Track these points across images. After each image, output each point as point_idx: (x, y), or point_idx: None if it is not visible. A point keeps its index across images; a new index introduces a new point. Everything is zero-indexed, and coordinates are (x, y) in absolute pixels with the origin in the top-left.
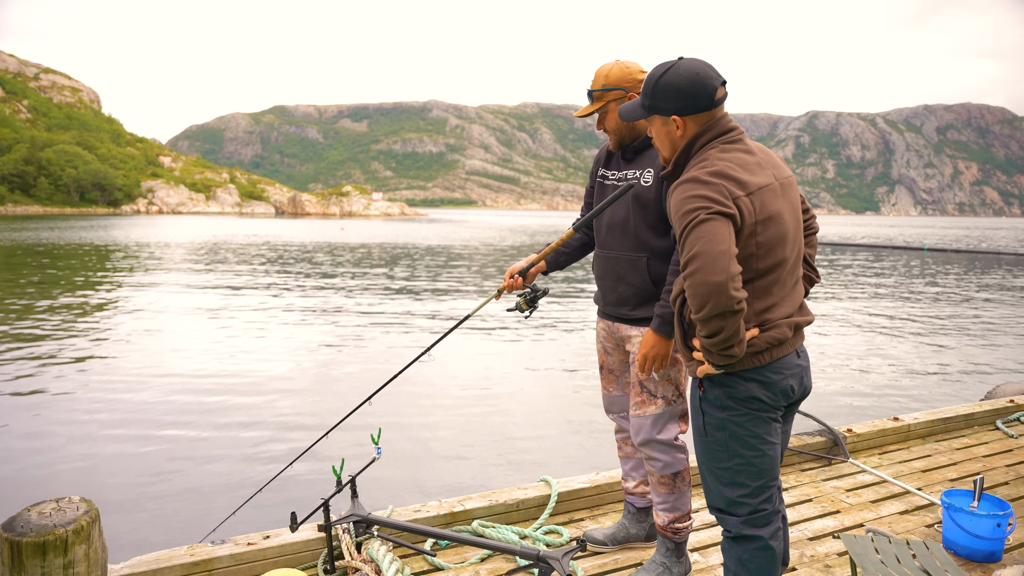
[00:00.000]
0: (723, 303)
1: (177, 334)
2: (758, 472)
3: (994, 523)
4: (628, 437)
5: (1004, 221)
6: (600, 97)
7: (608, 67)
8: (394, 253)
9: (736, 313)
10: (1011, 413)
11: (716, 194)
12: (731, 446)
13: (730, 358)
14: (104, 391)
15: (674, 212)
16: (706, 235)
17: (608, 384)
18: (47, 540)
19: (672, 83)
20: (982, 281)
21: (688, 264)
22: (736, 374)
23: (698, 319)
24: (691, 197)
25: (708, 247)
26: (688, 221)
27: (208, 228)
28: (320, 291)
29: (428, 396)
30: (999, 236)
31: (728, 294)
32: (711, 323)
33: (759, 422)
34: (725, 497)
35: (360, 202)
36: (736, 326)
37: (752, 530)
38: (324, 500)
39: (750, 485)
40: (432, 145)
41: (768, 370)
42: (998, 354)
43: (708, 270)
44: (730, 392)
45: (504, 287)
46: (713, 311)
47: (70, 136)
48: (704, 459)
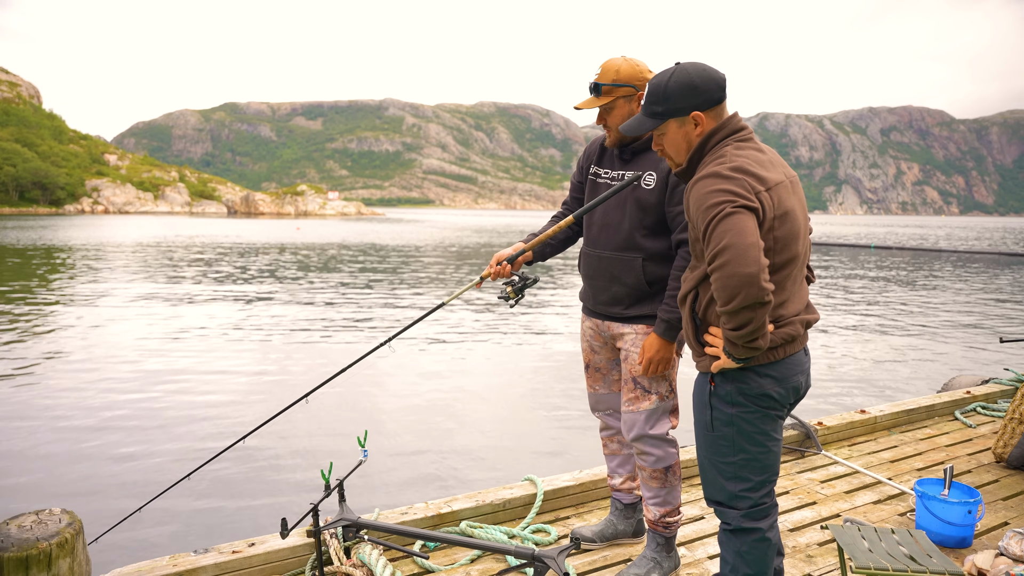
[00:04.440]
0: (754, 294)
1: (139, 340)
2: (762, 467)
3: (965, 510)
4: (614, 435)
5: (943, 220)
6: (609, 92)
7: (617, 62)
8: (353, 252)
9: (765, 305)
10: (968, 404)
11: (740, 188)
12: (738, 442)
13: (754, 351)
14: (69, 398)
15: (695, 207)
16: (734, 228)
17: (594, 382)
18: (30, 554)
19: (684, 81)
20: (926, 277)
21: (717, 257)
22: (751, 370)
23: (726, 311)
24: (715, 191)
25: (737, 239)
26: (714, 215)
27: (159, 228)
28: (279, 292)
29: (409, 396)
30: (940, 234)
31: (760, 285)
32: (740, 315)
33: (767, 419)
34: (727, 491)
35: (316, 201)
36: (763, 318)
37: (752, 523)
38: (313, 505)
39: (753, 480)
40: (388, 144)
41: (781, 366)
42: (948, 347)
43: (739, 262)
44: (743, 388)
45: (489, 274)
46: (744, 302)
47: (8, 133)
48: (708, 453)
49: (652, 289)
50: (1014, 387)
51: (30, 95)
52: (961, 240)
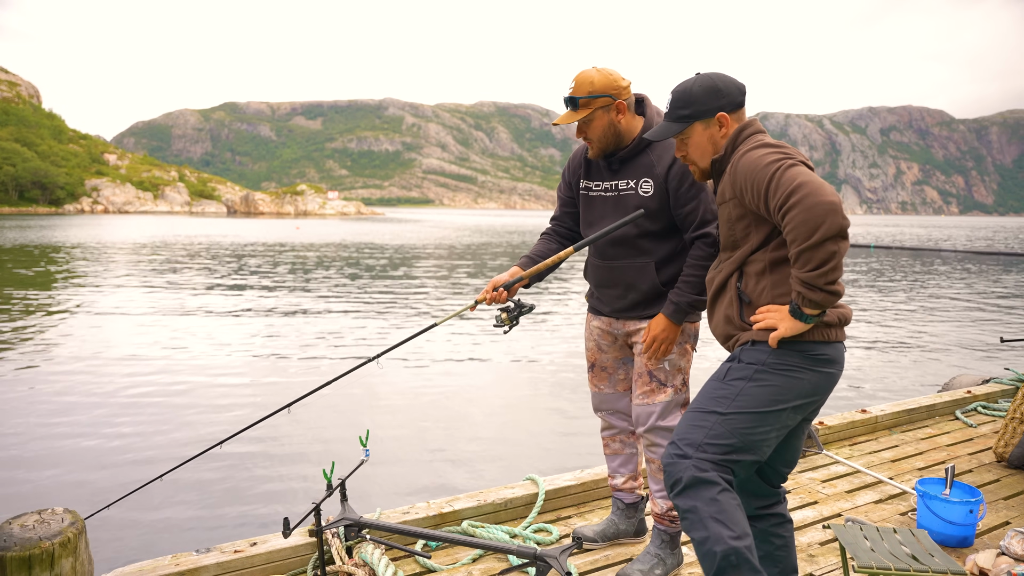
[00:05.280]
0: (838, 223)
1: (141, 339)
2: (746, 434)
3: (966, 509)
4: (616, 434)
5: (943, 219)
6: (587, 104)
7: (591, 74)
8: (354, 253)
9: (846, 239)
10: (969, 403)
11: (792, 152)
12: (745, 394)
13: (833, 296)
14: (70, 398)
15: (747, 176)
16: (803, 172)
17: (599, 382)
18: (33, 554)
19: (708, 85)
20: (927, 277)
21: (793, 194)
22: (809, 343)
23: (809, 246)
24: (769, 153)
25: (811, 177)
26: (776, 168)
27: (158, 228)
28: (279, 293)
29: (411, 396)
30: (941, 234)
31: (842, 213)
32: (823, 248)
33: (793, 389)
34: (691, 435)
35: (315, 201)
36: (844, 254)
37: (704, 473)
38: (316, 504)
39: (726, 442)
40: (388, 144)
41: (835, 349)
42: (949, 347)
43: (820, 192)
44: (806, 353)
45: (484, 299)
46: (828, 232)
47: (7, 132)
48: (700, 400)
49: (667, 288)
50: (1015, 387)
51: (30, 95)
52: (968, 240)
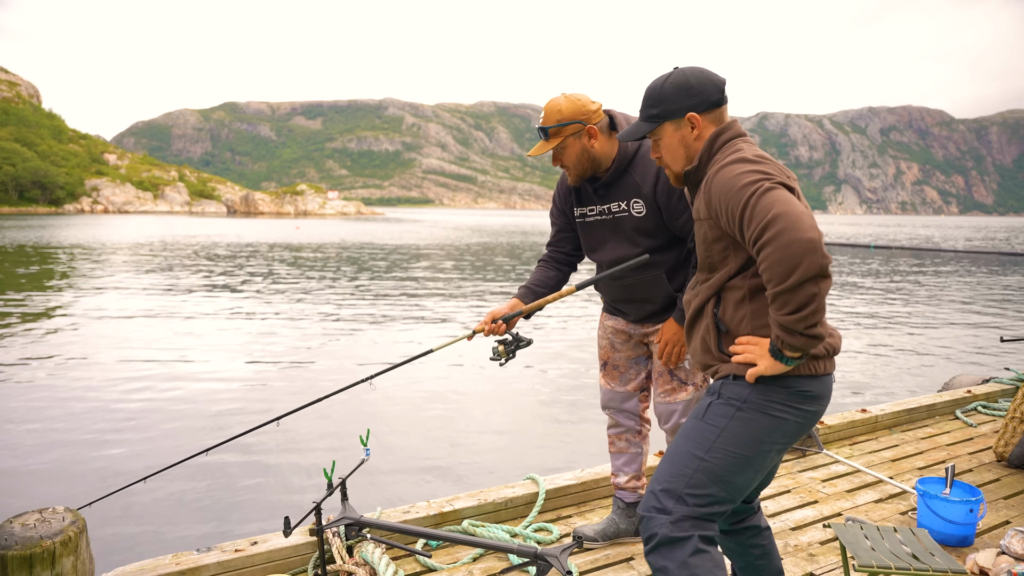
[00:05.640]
0: (817, 262)
1: (143, 338)
2: (726, 479)
3: (967, 509)
4: (622, 432)
5: (943, 219)
6: (557, 133)
7: (559, 103)
8: (354, 253)
9: (828, 278)
10: (969, 403)
11: (772, 170)
12: (728, 433)
13: (814, 340)
14: (71, 398)
15: (722, 195)
16: (781, 199)
17: (611, 380)
18: (34, 553)
19: (680, 82)
20: (927, 277)
21: (767, 229)
22: (796, 378)
23: (785, 289)
24: (745, 172)
25: (788, 207)
26: (751, 192)
27: (158, 228)
28: (281, 293)
29: (411, 395)
30: (940, 234)
31: (822, 251)
32: (802, 290)
33: (777, 430)
34: (671, 483)
35: (315, 201)
36: (825, 295)
37: (681, 532)
38: (316, 503)
39: (706, 491)
40: (388, 143)
41: (820, 383)
42: (949, 346)
43: (797, 227)
44: (792, 390)
45: (482, 330)
46: (807, 274)
47: (7, 132)
48: (680, 442)
49: (682, 291)
50: (1015, 386)
51: (29, 94)
52: (967, 240)
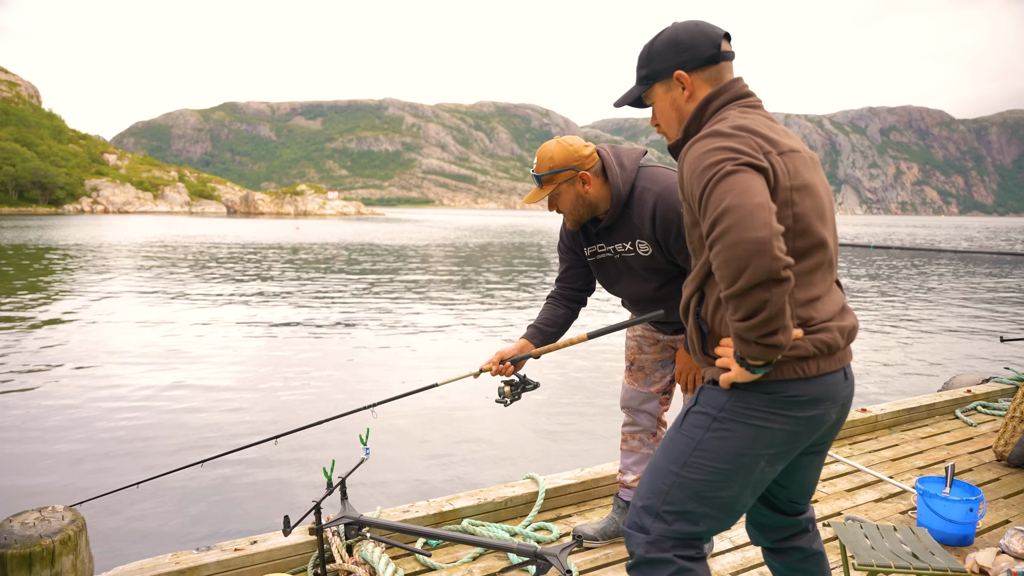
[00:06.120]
0: (766, 266)
1: (138, 341)
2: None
3: (967, 508)
4: (637, 432)
5: (943, 219)
6: (550, 180)
7: (551, 149)
8: (354, 254)
9: (782, 282)
10: (969, 403)
11: (743, 145)
12: (704, 447)
13: (772, 350)
14: (70, 397)
15: (689, 174)
16: (736, 187)
17: (635, 381)
18: (33, 551)
19: (668, 38)
20: (927, 277)
21: (716, 224)
22: (778, 383)
23: (733, 294)
24: (712, 150)
25: (741, 199)
26: (711, 176)
27: (158, 228)
28: (282, 295)
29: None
30: (940, 234)
31: (772, 253)
32: (751, 296)
33: (760, 439)
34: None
35: (315, 201)
36: (782, 301)
37: (658, 553)
38: (316, 502)
39: (687, 508)
40: (388, 144)
41: (811, 386)
42: (949, 346)
43: (744, 225)
44: (774, 396)
45: (490, 370)
46: (754, 278)
47: (7, 132)
48: (660, 456)
49: None
50: (1015, 386)
51: (29, 95)
52: (967, 240)
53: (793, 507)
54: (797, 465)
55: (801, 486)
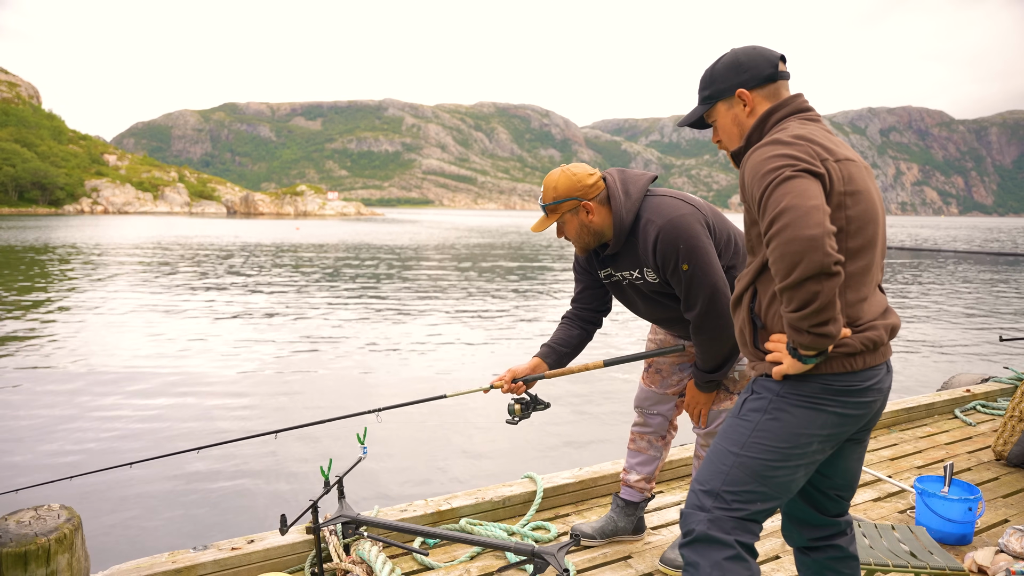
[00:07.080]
0: (818, 261)
1: (143, 338)
2: (768, 478)
3: (965, 507)
4: (647, 432)
5: (943, 220)
6: (555, 210)
7: (555, 179)
8: (355, 254)
9: (832, 276)
10: (968, 402)
11: (802, 153)
12: (764, 429)
13: (823, 339)
14: (69, 396)
15: (750, 178)
16: (794, 191)
17: (652, 382)
18: (28, 550)
19: (729, 60)
20: (926, 277)
21: (774, 222)
22: (827, 375)
23: (787, 286)
24: (773, 157)
25: (798, 201)
26: (771, 180)
27: (158, 228)
28: (281, 294)
29: (409, 393)
30: (940, 235)
31: (824, 250)
32: (804, 288)
33: (818, 420)
34: (710, 483)
35: (315, 202)
36: (833, 293)
37: (720, 532)
38: (313, 501)
39: (747, 488)
40: (388, 144)
41: (859, 378)
42: (948, 346)
43: (800, 224)
44: (825, 386)
45: (501, 387)
46: (807, 272)
47: (7, 133)
48: (719, 441)
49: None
50: (1014, 385)
51: (29, 95)
52: (967, 241)
53: (836, 504)
54: (840, 453)
55: (844, 476)
